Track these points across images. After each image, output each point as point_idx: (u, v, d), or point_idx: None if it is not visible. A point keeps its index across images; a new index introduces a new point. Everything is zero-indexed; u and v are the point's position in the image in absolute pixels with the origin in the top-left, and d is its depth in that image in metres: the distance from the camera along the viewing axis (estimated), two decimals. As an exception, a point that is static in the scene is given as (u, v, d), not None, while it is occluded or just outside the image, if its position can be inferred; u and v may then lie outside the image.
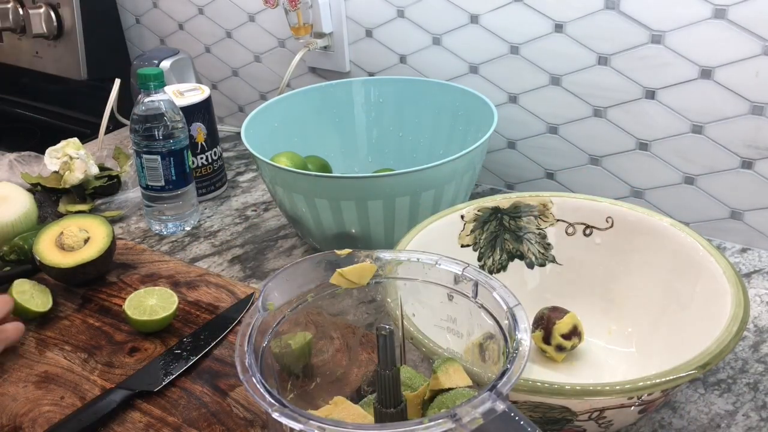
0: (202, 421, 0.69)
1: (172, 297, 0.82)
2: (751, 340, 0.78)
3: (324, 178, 0.86)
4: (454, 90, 1.02)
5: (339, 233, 0.88)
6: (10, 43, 1.48)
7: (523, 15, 0.97)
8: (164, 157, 0.97)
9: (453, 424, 0.44)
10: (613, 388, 0.56)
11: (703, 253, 0.70)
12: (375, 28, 1.12)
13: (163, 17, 1.37)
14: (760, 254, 0.92)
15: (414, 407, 0.57)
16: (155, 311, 0.80)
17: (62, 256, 0.86)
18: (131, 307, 0.80)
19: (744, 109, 0.87)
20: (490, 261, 0.82)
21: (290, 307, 0.59)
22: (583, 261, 0.80)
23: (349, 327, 0.66)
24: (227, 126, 1.37)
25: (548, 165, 1.05)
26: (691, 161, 0.93)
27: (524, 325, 0.52)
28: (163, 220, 1.02)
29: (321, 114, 1.07)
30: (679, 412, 0.70)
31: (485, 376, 0.57)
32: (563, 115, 1.01)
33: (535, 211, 0.81)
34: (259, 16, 1.24)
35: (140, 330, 0.81)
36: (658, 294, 0.74)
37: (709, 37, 0.86)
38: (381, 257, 0.61)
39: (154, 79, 0.95)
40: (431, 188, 0.85)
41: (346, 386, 0.65)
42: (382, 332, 0.51)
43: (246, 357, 0.52)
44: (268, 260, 0.96)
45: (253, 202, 1.11)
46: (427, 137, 1.06)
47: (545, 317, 0.75)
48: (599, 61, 0.95)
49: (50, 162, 1.07)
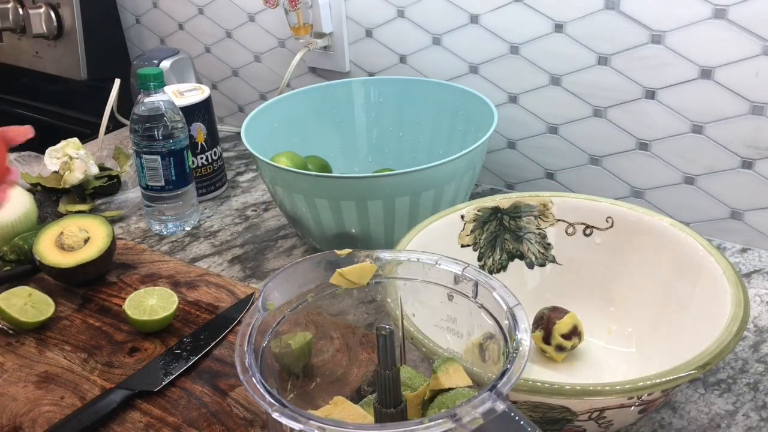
0: (202, 421, 0.69)
1: (172, 297, 0.82)
2: (751, 340, 0.78)
3: (324, 178, 0.86)
4: (454, 90, 1.02)
5: (339, 233, 0.88)
6: (10, 43, 1.48)
7: (523, 15, 0.97)
8: (164, 157, 0.97)
9: (453, 424, 0.44)
10: (613, 388, 0.56)
11: (703, 253, 0.70)
12: (375, 28, 1.12)
13: (163, 17, 1.37)
14: (760, 254, 0.92)
15: (414, 407, 0.57)
16: (155, 311, 0.80)
17: (62, 256, 0.86)
18: (131, 307, 0.80)
19: (744, 109, 0.87)
20: (490, 261, 0.82)
21: (290, 307, 0.59)
22: (583, 261, 0.80)
23: (349, 327, 0.66)
24: (227, 126, 1.37)
25: (548, 165, 1.05)
26: (691, 161, 0.93)
27: (524, 325, 0.52)
28: (163, 220, 1.02)
29: (321, 114, 1.07)
30: (679, 412, 0.70)
31: (485, 376, 0.57)
32: (563, 115, 1.01)
33: (535, 211, 0.81)
34: (259, 16, 1.24)
35: (140, 330, 0.81)
36: (658, 294, 0.74)
37: (709, 37, 0.86)
38: (381, 257, 0.61)
39: (154, 79, 0.95)
40: (431, 188, 0.85)
41: (346, 386, 0.65)
42: (382, 332, 0.51)
43: (246, 357, 0.52)
44: (268, 260, 0.96)
45: (253, 202, 1.11)
46: (427, 137, 1.06)
47: (545, 317, 0.75)
48: (599, 61, 0.95)
49: (50, 162, 1.07)
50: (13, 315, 0.80)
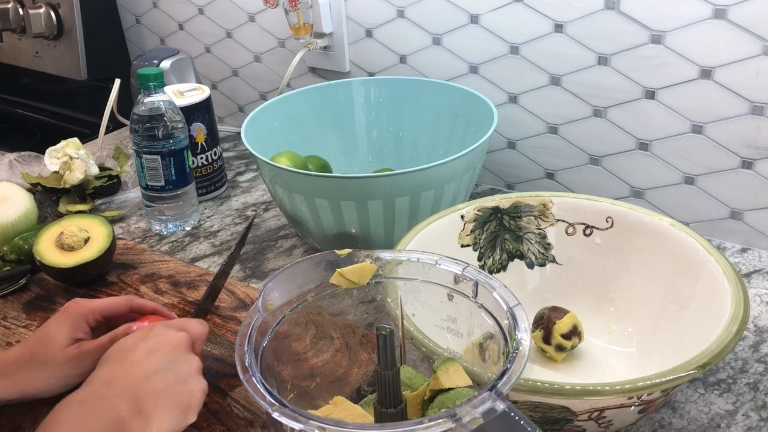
0: (202, 421, 0.68)
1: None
2: (751, 340, 0.78)
3: (324, 178, 0.86)
4: (454, 90, 1.02)
5: (339, 233, 0.88)
6: (10, 43, 1.48)
7: (523, 15, 0.97)
8: (164, 157, 0.97)
9: (453, 424, 0.44)
10: (613, 388, 0.56)
11: (703, 253, 0.70)
12: (375, 28, 1.12)
13: (163, 17, 1.37)
14: (760, 254, 0.92)
15: (414, 407, 0.57)
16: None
17: (62, 256, 0.86)
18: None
19: (744, 109, 0.87)
20: (490, 261, 0.82)
21: (290, 307, 0.59)
22: (583, 261, 0.80)
23: (349, 327, 0.66)
24: (227, 126, 1.37)
25: (548, 165, 1.05)
26: (691, 161, 0.93)
27: (524, 325, 0.52)
28: (163, 220, 1.02)
29: (321, 114, 1.07)
30: (679, 412, 0.70)
31: (485, 376, 0.57)
32: (563, 115, 1.01)
33: (535, 211, 0.81)
34: (259, 16, 1.24)
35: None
36: (658, 294, 0.74)
37: (709, 37, 0.86)
38: (381, 257, 0.61)
39: (154, 79, 0.95)
40: (431, 188, 0.85)
41: (346, 386, 0.65)
42: (382, 332, 0.51)
43: (246, 357, 0.52)
44: (268, 260, 0.96)
45: (253, 202, 1.11)
46: (426, 137, 1.06)
47: (545, 317, 0.75)
48: (599, 61, 0.95)
49: (50, 162, 1.07)
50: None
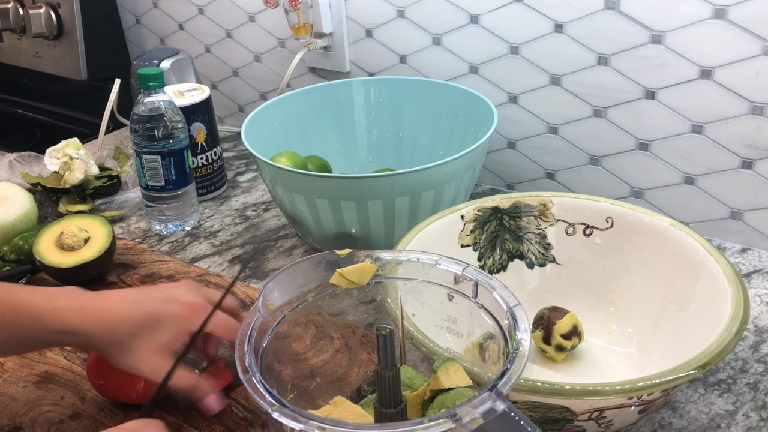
0: (202, 421, 0.69)
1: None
2: (751, 340, 0.78)
3: (324, 178, 0.86)
4: (454, 90, 1.02)
5: (339, 233, 0.88)
6: (10, 43, 1.48)
7: (523, 15, 0.97)
8: (164, 157, 0.97)
9: (453, 424, 0.44)
10: (613, 388, 0.56)
11: (703, 253, 0.70)
12: (375, 28, 1.12)
13: (163, 17, 1.37)
14: (760, 254, 0.92)
15: (414, 407, 0.57)
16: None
17: (62, 256, 0.86)
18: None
19: (744, 109, 0.87)
20: (490, 261, 0.82)
21: (290, 307, 0.59)
22: (583, 261, 0.80)
23: (349, 327, 0.66)
24: (227, 126, 1.37)
25: (548, 165, 1.05)
26: (691, 161, 0.93)
27: (524, 325, 0.52)
28: (163, 220, 1.02)
29: (321, 114, 1.07)
30: (679, 412, 0.70)
31: (485, 376, 0.57)
32: (563, 115, 1.01)
33: (535, 211, 0.81)
34: (259, 16, 1.24)
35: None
36: (658, 294, 0.74)
37: (709, 37, 0.86)
38: (381, 257, 0.61)
39: (154, 79, 0.95)
40: (431, 188, 0.85)
41: (346, 386, 0.65)
42: (382, 332, 0.51)
43: (246, 357, 0.52)
44: (268, 260, 0.96)
45: (253, 202, 1.11)
46: (426, 137, 1.06)
47: (545, 317, 0.75)
48: (599, 61, 0.95)
49: (50, 162, 1.07)
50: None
